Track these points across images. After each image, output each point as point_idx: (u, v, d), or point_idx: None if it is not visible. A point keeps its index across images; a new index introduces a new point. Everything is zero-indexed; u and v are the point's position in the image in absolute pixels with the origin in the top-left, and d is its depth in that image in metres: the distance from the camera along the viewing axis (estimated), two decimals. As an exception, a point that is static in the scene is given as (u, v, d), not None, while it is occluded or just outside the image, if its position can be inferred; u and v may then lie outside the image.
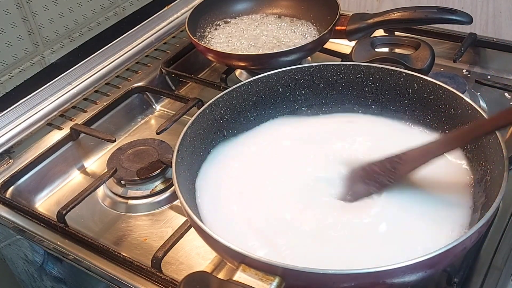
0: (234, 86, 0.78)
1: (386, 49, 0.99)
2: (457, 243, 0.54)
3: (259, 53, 0.99)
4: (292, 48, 0.94)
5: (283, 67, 0.80)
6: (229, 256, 0.58)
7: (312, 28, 1.06)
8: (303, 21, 1.08)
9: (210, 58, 1.01)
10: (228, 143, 0.79)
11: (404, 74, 0.76)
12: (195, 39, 1.00)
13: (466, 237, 0.55)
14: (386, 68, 0.78)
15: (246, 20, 1.10)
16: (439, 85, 0.74)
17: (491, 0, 1.24)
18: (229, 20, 1.11)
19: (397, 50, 0.99)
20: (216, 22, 1.10)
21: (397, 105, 0.79)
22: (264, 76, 0.79)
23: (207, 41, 1.06)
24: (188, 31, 1.01)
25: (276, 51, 0.95)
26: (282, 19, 1.09)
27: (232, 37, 1.05)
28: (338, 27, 0.98)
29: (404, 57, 0.92)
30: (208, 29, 1.09)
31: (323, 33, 0.98)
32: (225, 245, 0.56)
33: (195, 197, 0.71)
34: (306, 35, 1.04)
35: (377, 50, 0.96)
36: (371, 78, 0.79)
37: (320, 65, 0.80)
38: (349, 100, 0.81)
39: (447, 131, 0.74)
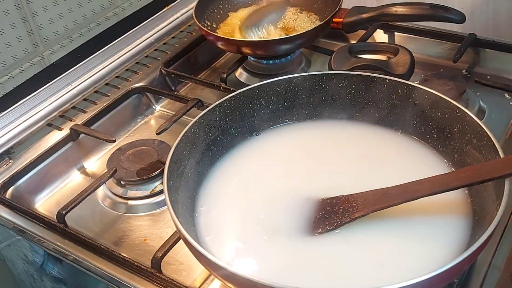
0: (216, 103, 0.75)
1: (364, 56, 0.99)
2: (466, 256, 0.53)
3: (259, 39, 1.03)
4: (287, 36, 0.97)
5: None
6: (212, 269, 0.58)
7: (316, 19, 1.08)
8: (307, 12, 1.10)
9: (220, 46, 1.03)
10: (215, 160, 0.77)
11: (387, 81, 0.75)
12: (206, 29, 1.02)
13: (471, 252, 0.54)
14: (368, 75, 0.77)
15: (249, 10, 1.12)
16: (423, 89, 0.73)
17: (491, 0, 1.23)
18: (233, 12, 1.13)
19: (375, 57, 0.99)
20: (220, 13, 1.12)
21: (382, 112, 0.78)
22: (246, 90, 0.77)
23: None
24: (196, 20, 1.03)
25: (272, 39, 1.00)
26: (287, 10, 1.11)
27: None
28: (336, 19, 1.01)
29: (384, 63, 0.92)
30: (213, 21, 1.11)
31: (319, 23, 1.01)
32: (211, 260, 0.55)
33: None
34: (310, 25, 1.06)
35: (356, 57, 0.96)
36: (353, 86, 0.78)
37: (302, 75, 0.79)
38: (333, 109, 0.80)
39: (435, 136, 0.74)
